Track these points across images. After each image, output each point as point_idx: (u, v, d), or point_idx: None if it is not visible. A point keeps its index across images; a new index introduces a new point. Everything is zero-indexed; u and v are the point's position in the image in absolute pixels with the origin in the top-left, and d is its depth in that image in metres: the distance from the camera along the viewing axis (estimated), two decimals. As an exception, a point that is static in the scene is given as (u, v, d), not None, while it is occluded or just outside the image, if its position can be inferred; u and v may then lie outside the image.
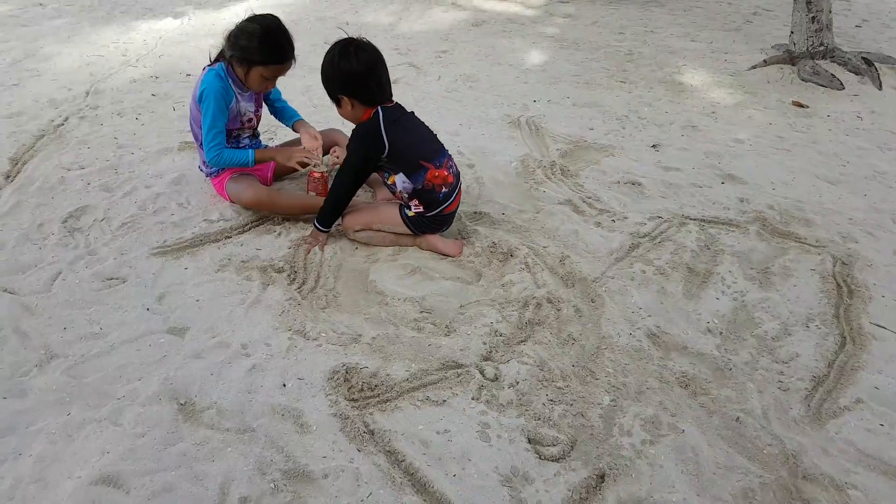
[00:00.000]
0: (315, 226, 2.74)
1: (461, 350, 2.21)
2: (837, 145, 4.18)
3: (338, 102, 2.63)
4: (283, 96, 3.19)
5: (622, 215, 3.11)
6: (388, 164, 2.62)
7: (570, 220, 3.04)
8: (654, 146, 3.97)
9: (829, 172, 3.75)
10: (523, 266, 2.67)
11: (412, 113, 2.72)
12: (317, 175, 3.04)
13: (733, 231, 3.04)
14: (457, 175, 2.74)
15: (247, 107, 2.97)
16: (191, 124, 3.01)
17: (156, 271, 2.55)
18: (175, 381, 2.03)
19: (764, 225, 3.10)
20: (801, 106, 4.94)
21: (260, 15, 2.82)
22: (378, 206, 2.81)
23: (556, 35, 6.62)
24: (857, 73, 5.50)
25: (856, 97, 5.15)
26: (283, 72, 2.83)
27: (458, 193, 2.74)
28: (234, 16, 6.40)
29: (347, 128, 3.62)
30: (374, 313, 2.39)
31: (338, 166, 2.92)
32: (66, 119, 3.91)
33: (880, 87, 5.28)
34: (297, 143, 3.14)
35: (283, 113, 3.18)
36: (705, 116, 4.58)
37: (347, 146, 2.70)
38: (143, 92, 4.40)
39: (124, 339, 2.20)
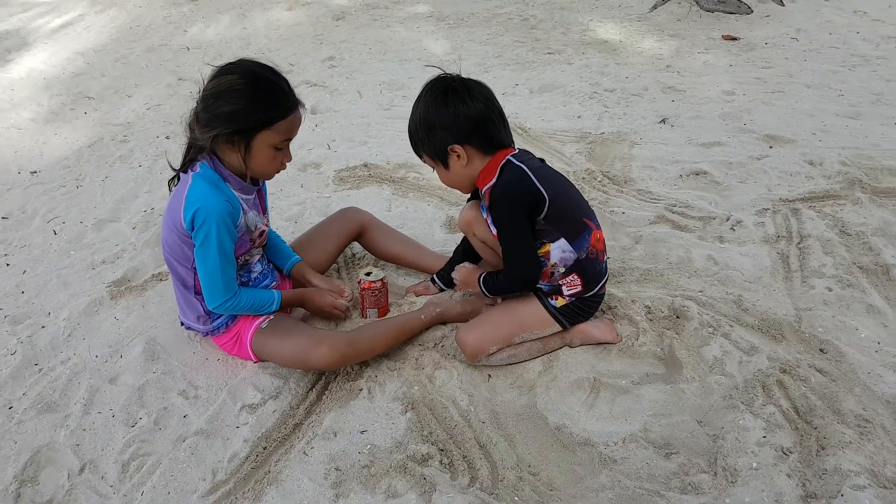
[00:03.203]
0: (479, 286, 1.95)
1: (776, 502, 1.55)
2: (812, 74, 3.97)
3: (444, 160, 1.82)
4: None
5: (733, 219, 2.56)
6: (546, 228, 1.82)
7: (688, 243, 2.44)
8: (662, 121, 3.47)
9: (839, 107, 3.50)
10: (709, 329, 2.03)
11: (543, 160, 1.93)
12: (375, 285, 2.13)
13: (845, 203, 2.64)
14: None
15: (255, 218, 1.97)
16: (168, 261, 1.94)
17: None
18: None
19: (863, 188, 2.73)
20: (732, 39, 4.72)
21: (228, 64, 1.80)
22: (511, 308, 1.97)
23: (433, 13, 5.89)
24: (750, -7, 5.40)
25: (768, 18, 5.04)
26: (296, 127, 1.83)
27: None
28: (29, 71, 4.87)
29: (374, 207, 2.77)
30: (609, 484, 1.62)
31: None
32: None
33: (782, 4, 5.22)
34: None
35: (274, 244, 2.20)
36: (666, 72, 4.17)
37: (495, 223, 1.84)
38: (-13, 217, 3.03)
39: None
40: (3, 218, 2.99)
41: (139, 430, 1.83)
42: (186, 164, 1.86)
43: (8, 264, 2.64)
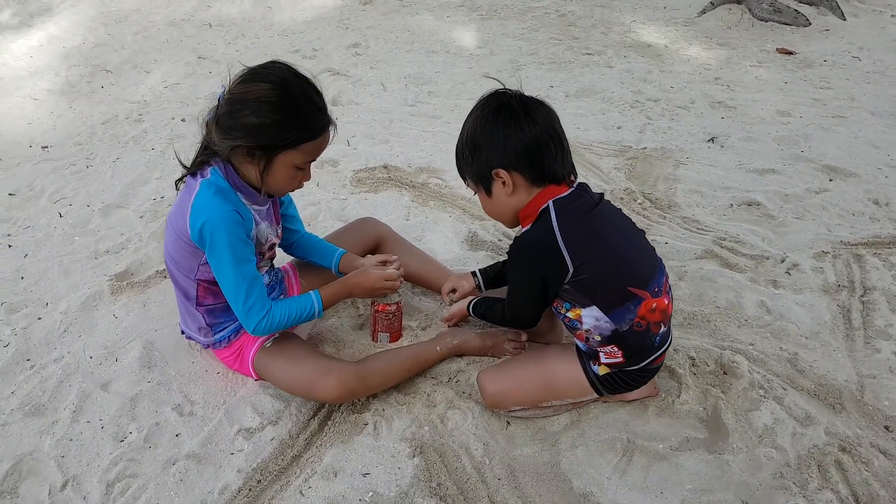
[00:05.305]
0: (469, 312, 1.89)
1: None
2: (876, 100, 3.69)
3: (486, 185, 1.58)
4: None
5: (788, 262, 2.33)
6: (572, 294, 1.58)
7: (738, 285, 2.21)
8: (711, 140, 3.22)
9: (910, 139, 3.23)
10: (760, 391, 1.81)
11: (604, 199, 1.64)
12: (390, 308, 1.94)
13: (915, 252, 2.38)
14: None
15: (267, 230, 1.78)
16: (169, 269, 1.77)
17: None
18: None
19: (937, 235, 2.47)
20: (788, 53, 4.43)
21: (261, 67, 1.60)
22: (544, 366, 1.72)
23: (464, 2, 5.64)
24: (810, 4, 5.10)
25: (828, 32, 4.75)
26: (323, 149, 1.67)
27: None
28: (50, 38, 4.70)
29: (391, 214, 2.57)
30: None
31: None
32: None
33: (843, 17, 4.92)
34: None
35: (312, 244, 2.01)
36: (714, 85, 3.91)
37: (508, 270, 1.67)
38: (-10, 192, 2.88)
39: None
40: (9, 194, 2.84)
41: (128, 446, 1.69)
42: (196, 166, 1.67)
43: (10, 245, 2.50)
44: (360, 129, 3.37)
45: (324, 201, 2.73)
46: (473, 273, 1.96)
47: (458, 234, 2.53)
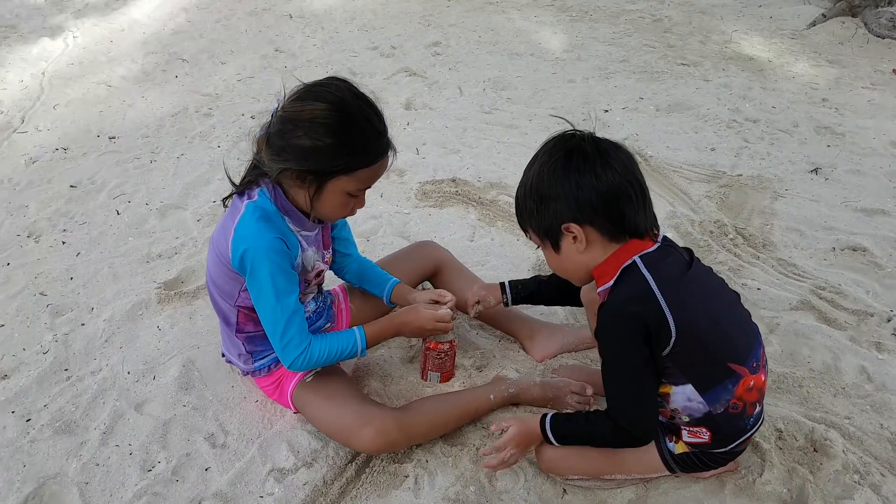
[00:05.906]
0: (547, 436, 1.45)
1: None
2: None
3: (554, 241, 1.38)
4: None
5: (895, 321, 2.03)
6: (667, 366, 1.35)
7: (837, 345, 1.94)
8: (815, 171, 2.91)
9: None
10: (855, 476, 1.56)
11: (695, 257, 1.43)
12: (442, 347, 1.78)
13: None
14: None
15: (314, 256, 1.65)
16: (210, 293, 1.67)
17: None
18: None
19: None
20: (906, 74, 4.00)
21: (318, 84, 1.46)
22: None
23: (554, 2, 5.39)
24: (935, 20, 4.60)
25: (954, 52, 4.26)
26: (380, 175, 1.52)
27: None
28: (132, 23, 4.75)
29: (455, 234, 2.40)
30: None
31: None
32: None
33: (974, 36, 4.41)
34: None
35: (361, 269, 1.86)
36: (821, 108, 3.55)
37: (598, 341, 1.39)
38: (52, 183, 2.86)
39: None
40: (71, 186, 2.82)
41: (154, 477, 1.59)
42: (244, 186, 1.55)
43: (64, 242, 2.47)
44: (431, 136, 3.22)
45: (385, 215, 2.59)
46: (502, 285, 1.77)
47: (526, 260, 2.35)
